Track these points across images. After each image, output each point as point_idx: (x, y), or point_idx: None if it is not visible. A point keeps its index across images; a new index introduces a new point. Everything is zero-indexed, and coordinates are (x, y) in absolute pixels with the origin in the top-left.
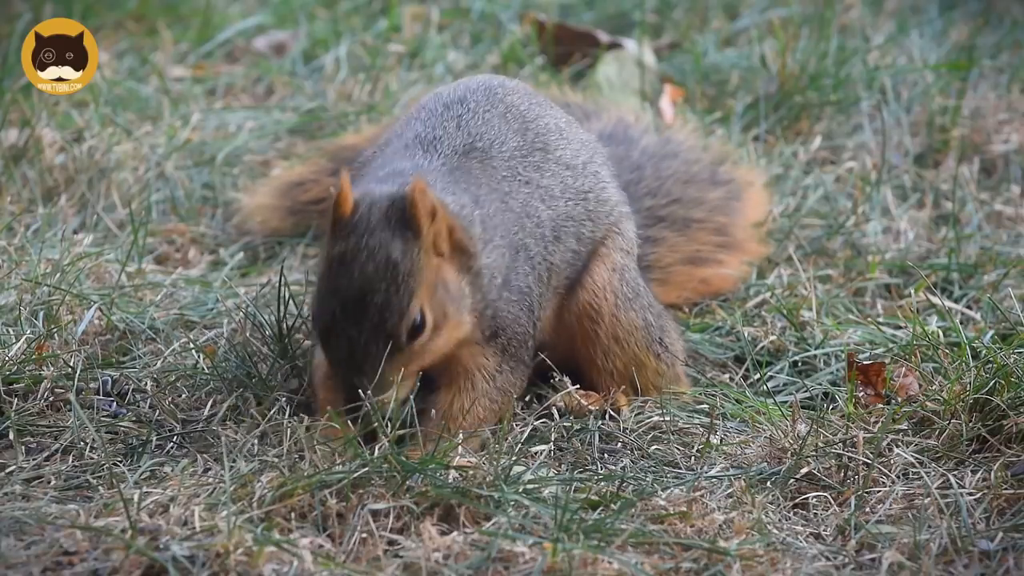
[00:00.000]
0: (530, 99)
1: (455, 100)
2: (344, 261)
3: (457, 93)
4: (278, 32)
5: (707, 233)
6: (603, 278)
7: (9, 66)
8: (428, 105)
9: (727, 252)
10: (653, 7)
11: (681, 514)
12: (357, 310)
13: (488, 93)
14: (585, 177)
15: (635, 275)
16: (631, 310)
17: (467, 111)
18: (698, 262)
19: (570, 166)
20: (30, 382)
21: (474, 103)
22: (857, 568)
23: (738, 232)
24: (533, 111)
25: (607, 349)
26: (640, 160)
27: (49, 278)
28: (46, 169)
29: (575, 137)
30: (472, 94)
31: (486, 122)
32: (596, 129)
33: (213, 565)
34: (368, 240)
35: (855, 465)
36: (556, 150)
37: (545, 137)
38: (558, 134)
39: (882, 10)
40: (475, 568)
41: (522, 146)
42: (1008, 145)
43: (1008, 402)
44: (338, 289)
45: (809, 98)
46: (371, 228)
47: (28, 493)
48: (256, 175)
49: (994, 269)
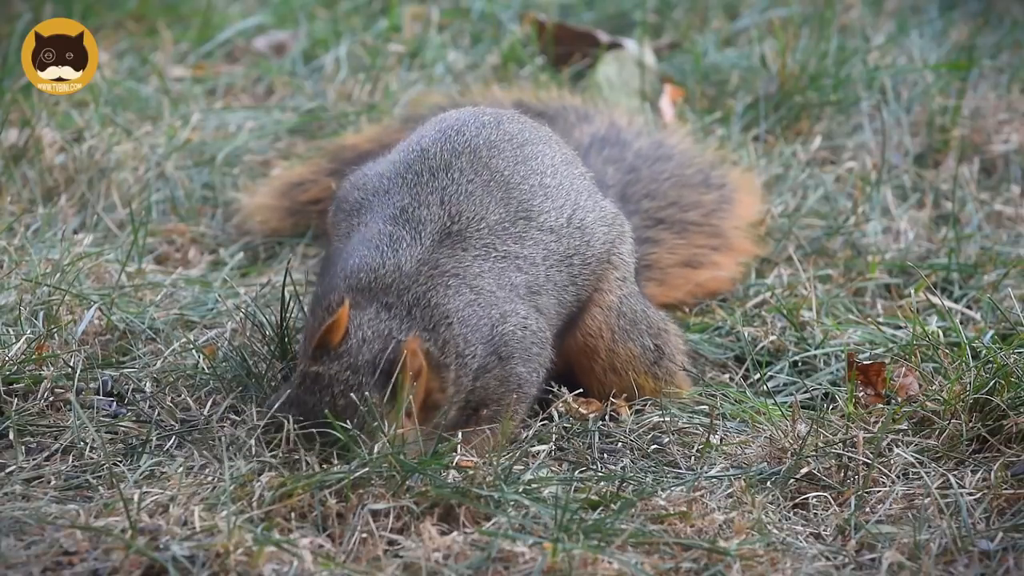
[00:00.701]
0: (516, 154)
1: (441, 168)
2: (318, 382)
3: (444, 157)
4: (278, 32)
5: (703, 236)
6: (598, 320)
7: (9, 66)
8: (415, 166)
9: (721, 254)
10: (653, 7)
11: (681, 514)
12: (320, 432)
13: (473, 158)
14: (570, 237)
15: (632, 301)
16: (628, 341)
17: (451, 182)
18: (695, 264)
19: (553, 229)
20: (30, 382)
21: (458, 171)
22: (857, 568)
23: (731, 233)
24: (518, 173)
25: (603, 379)
26: (635, 163)
27: (49, 278)
28: (46, 169)
29: (561, 186)
30: (457, 159)
31: (469, 195)
32: (589, 133)
33: (213, 565)
34: (349, 377)
35: (855, 465)
36: (540, 215)
37: (529, 203)
38: (543, 194)
39: (882, 10)
40: (475, 568)
41: (503, 219)
42: (1008, 145)
43: (1008, 402)
44: (304, 403)
45: (809, 98)
46: (356, 366)
47: (28, 493)
48: (256, 175)
49: (994, 269)
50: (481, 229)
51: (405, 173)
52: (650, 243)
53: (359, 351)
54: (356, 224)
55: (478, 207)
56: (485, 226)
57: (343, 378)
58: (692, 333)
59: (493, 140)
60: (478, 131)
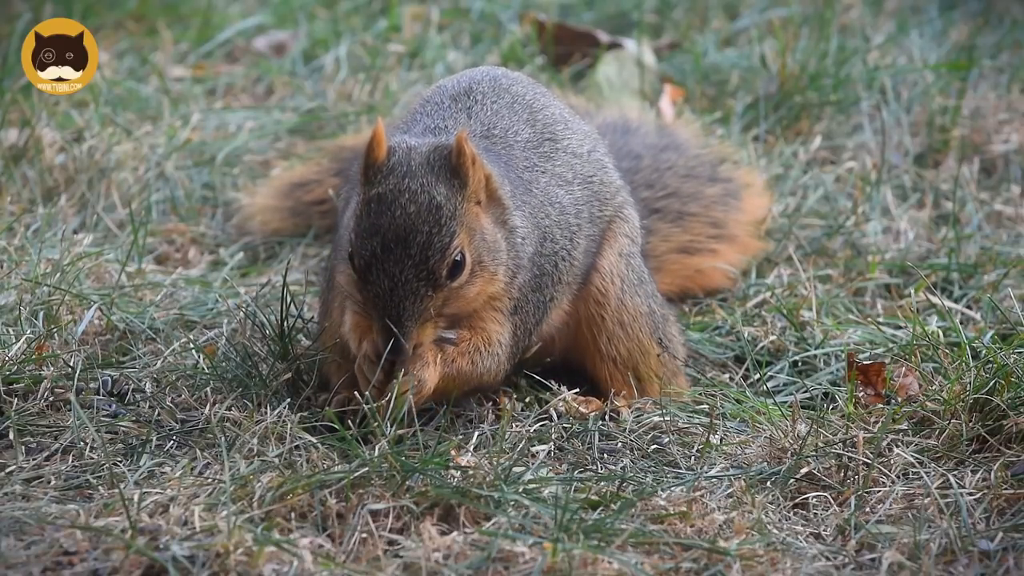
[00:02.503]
0: (533, 89)
1: (461, 92)
2: (384, 201)
3: (462, 85)
4: (278, 32)
5: (701, 225)
6: (610, 262)
7: (9, 66)
8: (433, 99)
9: (721, 243)
10: (653, 7)
11: (681, 514)
12: (399, 247)
13: (493, 83)
14: (590, 163)
15: (640, 263)
16: (636, 295)
17: (475, 102)
18: (691, 251)
19: (577, 154)
20: (30, 382)
21: (480, 94)
22: (857, 568)
23: (734, 227)
24: (539, 101)
25: (611, 334)
26: (639, 151)
27: (49, 278)
28: (46, 169)
29: (578, 127)
30: (477, 85)
31: (495, 112)
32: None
33: (213, 565)
34: (409, 182)
35: (855, 465)
36: (563, 139)
37: (552, 127)
38: (564, 124)
39: (882, 10)
40: (475, 568)
41: (532, 137)
42: (1008, 145)
43: (1008, 402)
44: (379, 227)
45: (809, 98)
46: (412, 171)
47: (28, 493)
48: (256, 175)
49: (994, 269)
50: (519, 141)
51: (423, 108)
52: (646, 232)
53: (409, 157)
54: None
55: (507, 122)
56: (521, 140)
57: (404, 186)
58: (692, 333)
59: (508, 74)
60: (491, 69)
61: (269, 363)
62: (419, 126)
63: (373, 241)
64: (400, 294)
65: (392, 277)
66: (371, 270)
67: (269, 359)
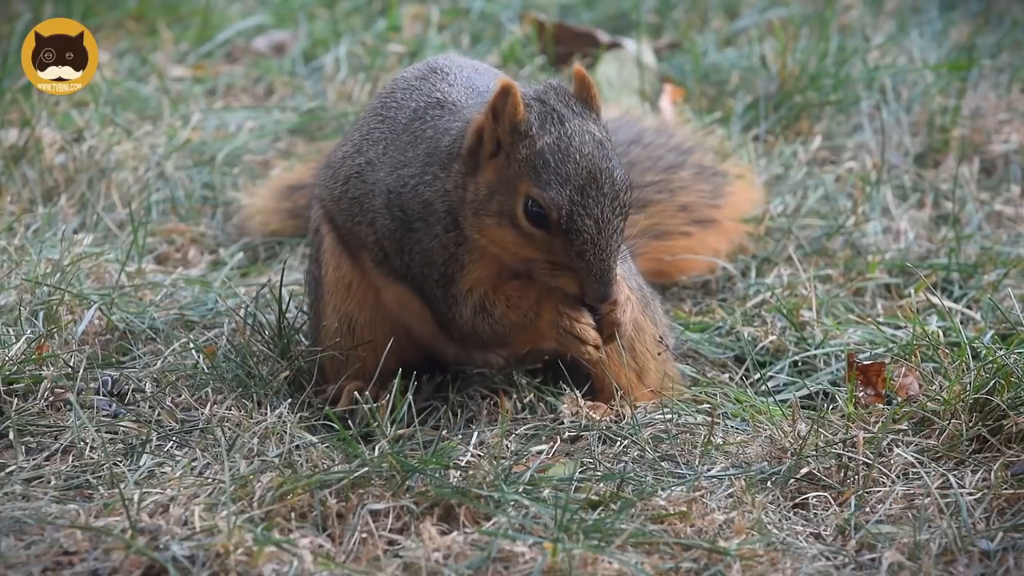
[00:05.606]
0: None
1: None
2: (561, 148)
3: (435, 62)
4: (278, 32)
5: (674, 209)
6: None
7: (9, 66)
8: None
9: (697, 227)
10: (653, 7)
11: (681, 514)
12: (597, 188)
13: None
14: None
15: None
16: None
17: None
18: (663, 236)
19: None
20: (30, 382)
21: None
22: (857, 568)
23: (716, 213)
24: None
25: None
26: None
27: (49, 278)
28: (46, 169)
29: None
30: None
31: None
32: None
33: (213, 565)
34: (576, 125)
35: (855, 465)
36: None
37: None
38: None
39: (882, 10)
40: (475, 568)
41: None
42: (1008, 145)
43: (1008, 402)
44: (571, 175)
45: (809, 98)
46: (567, 116)
47: (28, 493)
48: (256, 175)
49: (994, 269)
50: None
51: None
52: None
53: (555, 103)
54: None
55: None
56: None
57: (576, 128)
58: (692, 333)
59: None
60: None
61: (269, 363)
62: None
63: (567, 189)
64: (607, 233)
65: (597, 220)
66: (574, 218)
67: (269, 359)
